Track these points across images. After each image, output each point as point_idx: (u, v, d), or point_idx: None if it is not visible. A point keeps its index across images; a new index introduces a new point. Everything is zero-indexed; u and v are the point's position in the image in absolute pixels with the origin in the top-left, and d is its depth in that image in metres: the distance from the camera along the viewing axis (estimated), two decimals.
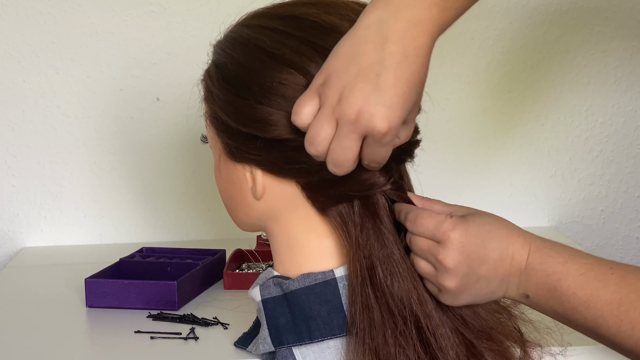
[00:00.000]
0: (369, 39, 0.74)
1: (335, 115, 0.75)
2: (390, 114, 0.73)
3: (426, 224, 0.82)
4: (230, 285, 1.31)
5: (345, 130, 0.75)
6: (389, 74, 0.73)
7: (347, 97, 0.74)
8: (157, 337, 1.12)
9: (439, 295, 0.84)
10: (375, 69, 0.73)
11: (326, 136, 0.75)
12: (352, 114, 0.74)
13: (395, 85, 0.73)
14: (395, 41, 0.73)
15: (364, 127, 0.74)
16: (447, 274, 0.81)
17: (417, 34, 0.74)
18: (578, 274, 0.79)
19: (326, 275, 0.86)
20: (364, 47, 0.74)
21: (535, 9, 1.64)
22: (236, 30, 0.88)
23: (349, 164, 0.77)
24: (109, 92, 1.60)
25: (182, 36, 1.59)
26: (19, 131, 1.60)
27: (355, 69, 0.74)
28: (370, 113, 0.73)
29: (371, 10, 0.75)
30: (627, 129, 1.69)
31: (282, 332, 0.87)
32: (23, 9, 1.57)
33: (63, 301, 1.28)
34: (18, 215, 1.62)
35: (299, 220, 0.88)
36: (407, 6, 0.74)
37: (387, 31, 0.73)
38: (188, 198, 1.64)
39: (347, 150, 0.75)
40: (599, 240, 1.72)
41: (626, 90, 1.68)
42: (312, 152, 0.77)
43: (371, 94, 0.73)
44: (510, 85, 1.66)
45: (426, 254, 0.83)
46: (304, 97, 0.76)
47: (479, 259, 0.81)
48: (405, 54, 0.73)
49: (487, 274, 0.82)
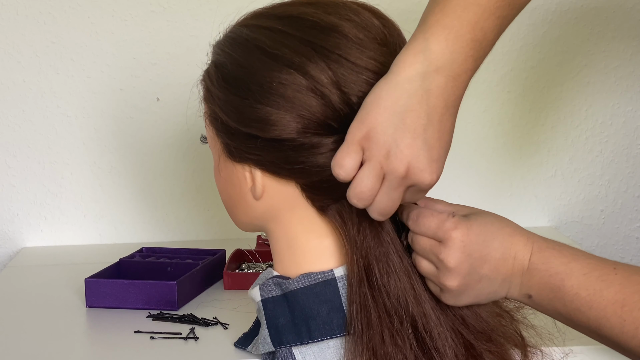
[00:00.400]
0: (412, 93, 0.76)
1: (384, 171, 0.77)
2: (437, 166, 0.77)
3: (428, 223, 0.82)
4: (230, 285, 1.31)
5: (395, 184, 0.77)
6: (435, 128, 0.76)
7: (397, 153, 0.76)
8: (157, 337, 1.12)
9: (440, 295, 0.84)
10: (422, 123, 0.76)
11: (374, 190, 0.77)
12: (402, 169, 0.76)
13: (440, 138, 0.77)
14: (438, 95, 0.76)
15: (412, 181, 0.77)
16: (449, 274, 0.81)
17: (456, 87, 0.77)
18: (581, 274, 0.79)
19: (326, 275, 0.86)
20: (408, 101, 0.76)
21: (535, 9, 1.64)
22: (235, 31, 0.88)
23: (392, 211, 0.80)
24: (109, 92, 1.60)
25: (182, 36, 1.59)
26: (19, 131, 1.60)
27: (401, 123, 0.76)
28: (420, 168, 0.76)
29: (411, 63, 0.77)
30: (627, 129, 1.69)
31: (282, 332, 0.87)
32: (23, 9, 1.57)
33: (63, 301, 1.28)
34: (18, 215, 1.62)
35: (299, 220, 0.88)
36: (447, 62, 0.77)
37: (429, 85, 0.76)
38: (188, 198, 1.64)
39: (393, 201, 0.78)
40: (599, 240, 1.72)
41: (626, 90, 1.68)
42: (356, 204, 0.79)
43: (420, 149, 0.76)
44: (510, 85, 1.66)
45: (428, 253, 0.83)
46: (346, 150, 0.78)
47: (481, 258, 0.81)
48: (447, 106, 0.77)
49: (489, 273, 0.82)
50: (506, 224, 0.83)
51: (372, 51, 0.82)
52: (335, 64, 0.81)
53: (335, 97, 0.81)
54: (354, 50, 0.82)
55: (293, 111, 0.81)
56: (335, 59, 0.81)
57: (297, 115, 0.81)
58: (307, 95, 0.81)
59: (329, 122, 0.81)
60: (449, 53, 0.76)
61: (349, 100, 0.81)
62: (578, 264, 0.80)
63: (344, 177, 0.78)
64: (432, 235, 0.82)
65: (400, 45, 0.85)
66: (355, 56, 0.81)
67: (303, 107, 0.81)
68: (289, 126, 0.81)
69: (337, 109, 0.81)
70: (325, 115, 0.81)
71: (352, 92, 0.81)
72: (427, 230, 0.82)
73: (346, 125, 0.80)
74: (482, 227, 0.82)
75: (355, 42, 0.82)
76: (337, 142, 0.81)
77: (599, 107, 1.68)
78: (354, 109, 0.80)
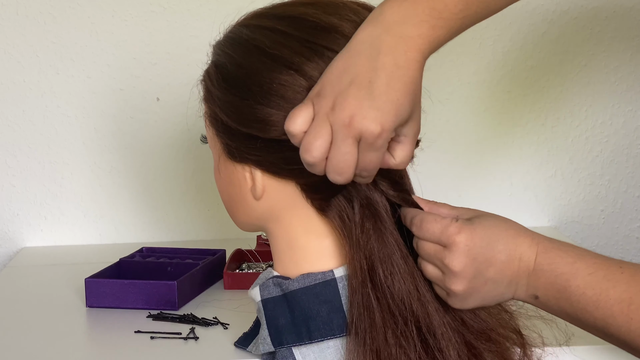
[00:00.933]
0: (362, 52, 0.77)
1: (330, 121, 0.76)
2: (381, 116, 0.75)
3: (432, 228, 0.82)
4: (230, 285, 1.31)
5: (341, 136, 0.75)
6: (382, 81, 0.75)
7: (341, 102, 0.75)
8: (157, 337, 1.12)
9: (447, 299, 0.84)
10: (368, 77, 0.75)
11: (322, 142, 0.76)
12: (345, 117, 0.75)
13: (387, 91, 0.75)
14: (386, 53, 0.76)
15: (357, 129, 0.75)
16: (455, 278, 0.81)
17: (407, 48, 0.76)
18: (587, 273, 0.79)
19: (326, 276, 0.86)
20: (357, 59, 0.76)
21: (535, 9, 1.64)
22: (235, 31, 0.88)
23: (349, 170, 0.77)
24: (109, 92, 1.60)
25: (182, 36, 1.59)
26: (19, 131, 1.60)
27: (348, 78, 0.76)
28: (363, 115, 0.75)
29: (364, 27, 0.78)
30: (627, 129, 1.69)
31: (282, 332, 0.87)
32: (23, 9, 1.57)
33: (63, 301, 1.28)
34: (18, 215, 1.62)
35: (299, 221, 0.88)
36: (397, 23, 0.77)
37: (379, 45, 0.76)
38: (188, 198, 1.64)
39: (345, 155, 0.76)
40: (599, 240, 1.72)
41: (626, 90, 1.68)
42: (308, 159, 0.77)
43: (364, 99, 0.75)
44: (510, 85, 1.66)
45: (433, 259, 0.82)
46: (298, 106, 0.78)
47: (486, 261, 0.81)
48: (397, 65, 0.76)
49: (494, 276, 0.81)
50: (510, 226, 0.83)
51: None
52: None
53: None
54: None
55: None
56: None
57: None
58: None
59: None
60: (401, 15, 0.77)
61: None
62: (584, 264, 0.80)
63: (294, 131, 0.77)
64: (436, 240, 0.82)
65: None
66: None
67: None
68: None
69: None
70: None
71: None
72: (431, 235, 0.82)
73: None
74: (486, 230, 0.82)
75: None
76: None
77: (599, 107, 1.68)
78: None
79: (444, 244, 0.81)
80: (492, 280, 0.82)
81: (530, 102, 1.67)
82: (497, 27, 1.63)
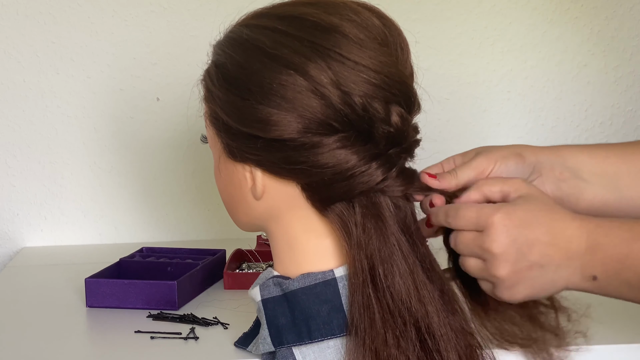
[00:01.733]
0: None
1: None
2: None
3: (468, 214, 0.81)
4: (230, 285, 1.31)
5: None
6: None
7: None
8: (157, 337, 1.12)
9: (494, 290, 0.82)
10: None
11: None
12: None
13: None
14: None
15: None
16: (496, 261, 0.80)
17: None
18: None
19: (326, 275, 0.86)
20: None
21: (535, 9, 1.64)
22: (236, 31, 0.88)
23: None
24: (109, 92, 1.60)
25: (182, 36, 1.59)
26: (19, 131, 1.60)
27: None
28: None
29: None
30: (627, 129, 1.69)
31: (282, 332, 0.87)
32: (23, 9, 1.57)
33: (63, 301, 1.28)
34: (18, 215, 1.62)
35: (299, 220, 0.88)
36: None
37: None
38: (188, 198, 1.64)
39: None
40: None
41: (626, 90, 1.68)
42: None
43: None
44: (510, 85, 1.66)
45: (472, 248, 0.81)
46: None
47: (527, 242, 0.79)
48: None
49: (539, 259, 0.79)
50: (554, 209, 0.81)
51: (373, 51, 0.82)
52: (336, 64, 0.81)
53: (335, 97, 0.81)
54: (355, 49, 0.82)
55: (294, 112, 0.81)
56: (336, 59, 0.81)
57: (298, 115, 0.81)
58: (308, 96, 0.81)
59: (329, 121, 0.81)
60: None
61: (350, 99, 0.81)
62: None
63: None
64: (473, 227, 0.81)
65: (400, 45, 0.85)
66: (355, 56, 0.81)
67: (304, 108, 0.81)
68: (290, 126, 0.81)
69: (338, 109, 0.81)
70: (326, 115, 0.81)
71: (353, 91, 0.81)
72: (467, 222, 0.81)
73: (347, 124, 0.81)
74: (526, 213, 0.80)
75: (355, 41, 0.82)
76: (338, 142, 0.82)
77: (599, 107, 1.68)
78: (355, 108, 0.81)
79: (482, 227, 0.80)
80: (538, 264, 0.79)
81: (530, 102, 1.67)
82: (497, 27, 1.63)
